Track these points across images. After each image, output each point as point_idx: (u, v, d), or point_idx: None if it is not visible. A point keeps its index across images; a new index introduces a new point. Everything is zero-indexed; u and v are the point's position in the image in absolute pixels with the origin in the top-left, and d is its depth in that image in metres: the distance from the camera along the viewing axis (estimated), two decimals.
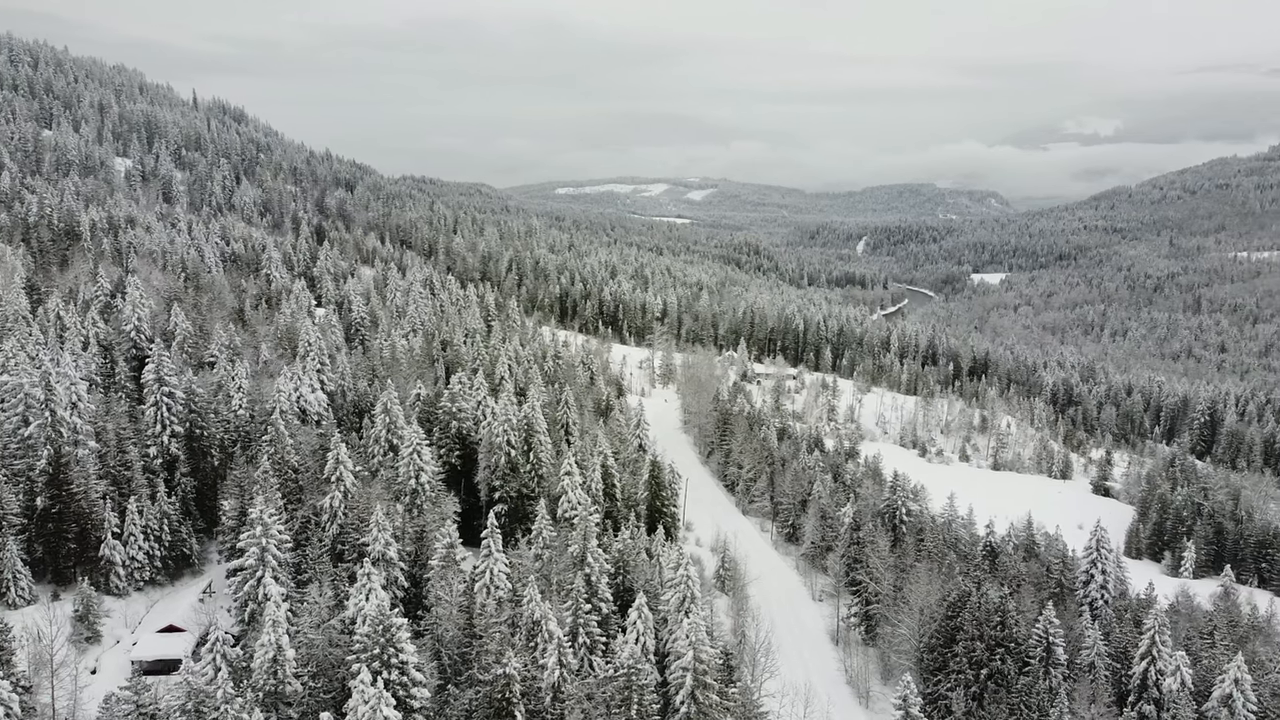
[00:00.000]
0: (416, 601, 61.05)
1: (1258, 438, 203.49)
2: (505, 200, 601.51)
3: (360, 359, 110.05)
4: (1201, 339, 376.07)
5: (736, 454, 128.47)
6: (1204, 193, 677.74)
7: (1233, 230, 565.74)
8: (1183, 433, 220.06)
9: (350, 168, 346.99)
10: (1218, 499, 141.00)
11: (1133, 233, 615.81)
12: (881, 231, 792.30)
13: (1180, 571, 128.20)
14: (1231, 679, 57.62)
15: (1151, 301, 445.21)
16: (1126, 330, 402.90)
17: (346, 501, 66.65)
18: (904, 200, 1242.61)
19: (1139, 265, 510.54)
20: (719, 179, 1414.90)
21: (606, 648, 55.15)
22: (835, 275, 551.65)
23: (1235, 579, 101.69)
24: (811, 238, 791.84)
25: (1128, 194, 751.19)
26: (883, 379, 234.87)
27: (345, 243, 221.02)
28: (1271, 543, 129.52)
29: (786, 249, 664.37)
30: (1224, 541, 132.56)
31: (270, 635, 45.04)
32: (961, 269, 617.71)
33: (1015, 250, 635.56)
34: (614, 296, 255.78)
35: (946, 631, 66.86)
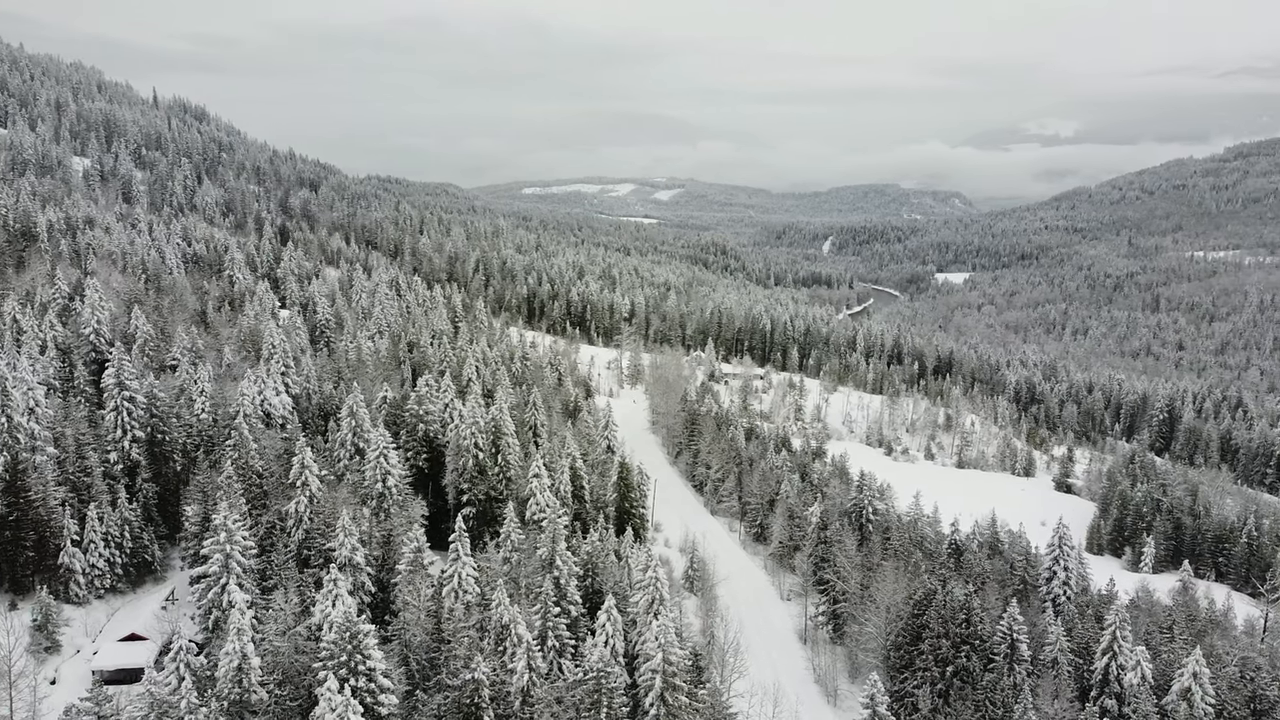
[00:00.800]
0: (384, 606, 60.64)
1: (1214, 434, 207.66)
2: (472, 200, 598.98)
3: (325, 361, 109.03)
4: (1160, 337, 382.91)
5: (704, 454, 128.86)
6: (1161, 193, 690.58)
7: (1189, 230, 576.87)
8: (1142, 430, 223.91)
9: (314, 167, 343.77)
10: (1176, 495, 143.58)
11: (1093, 232, 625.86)
12: (847, 231, 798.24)
13: (1140, 567, 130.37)
14: (1190, 673, 58.72)
15: (1111, 300, 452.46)
16: (1087, 329, 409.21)
17: (312, 506, 66.00)
18: (869, 200, 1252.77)
19: (1099, 265, 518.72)
20: (686, 179, 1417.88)
21: (576, 651, 55.08)
22: (802, 275, 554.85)
23: (1194, 573, 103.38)
24: (778, 238, 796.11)
25: (1088, 194, 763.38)
26: (849, 378, 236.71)
27: (310, 243, 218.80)
28: (1228, 537, 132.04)
29: (753, 249, 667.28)
30: (1182, 537, 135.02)
31: (235, 643, 44.49)
32: (926, 269, 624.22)
33: (978, 250, 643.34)
34: (582, 297, 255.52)
35: (913, 630, 67.49)
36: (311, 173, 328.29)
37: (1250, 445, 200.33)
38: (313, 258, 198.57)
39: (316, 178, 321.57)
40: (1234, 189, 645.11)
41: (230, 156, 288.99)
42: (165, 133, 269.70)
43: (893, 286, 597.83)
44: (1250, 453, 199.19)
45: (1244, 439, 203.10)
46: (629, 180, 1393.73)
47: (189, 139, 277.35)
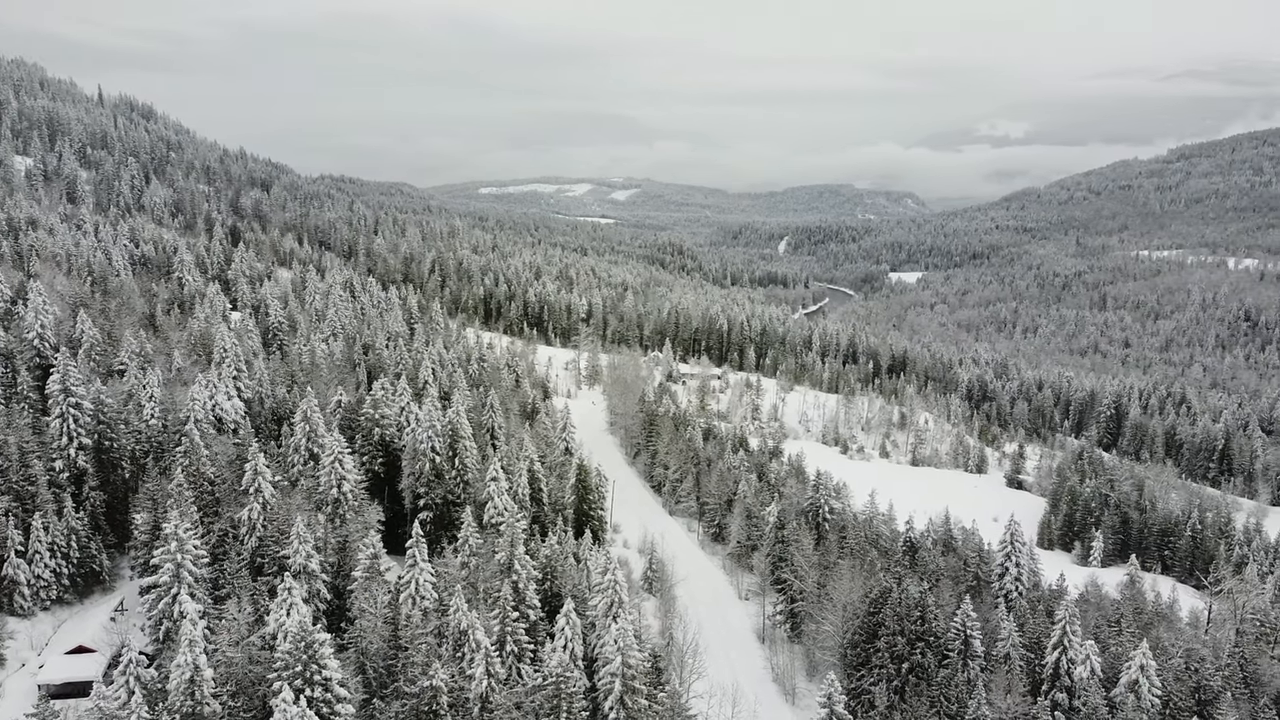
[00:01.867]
0: (340, 613, 59.97)
1: (1159, 430, 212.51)
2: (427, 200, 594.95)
3: (278, 365, 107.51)
4: (1107, 335, 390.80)
5: (663, 455, 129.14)
6: (1108, 194, 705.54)
7: (1135, 230, 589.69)
8: (1090, 426, 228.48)
9: (266, 167, 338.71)
10: (1123, 490, 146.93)
11: (1042, 232, 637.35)
12: (802, 231, 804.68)
13: (1089, 561, 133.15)
14: (1137, 666, 60.12)
15: (1060, 299, 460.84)
16: (1037, 327, 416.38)
17: (265, 513, 65.06)
18: (824, 201, 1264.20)
19: (1048, 264, 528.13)
20: (643, 179, 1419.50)
21: (535, 655, 54.95)
22: (758, 275, 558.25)
23: (1140, 567, 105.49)
24: (734, 237, 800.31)
25: (1037, 195, 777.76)
26: (805, 378, 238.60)
27: (261, 244, 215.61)
28: (1173, 531, 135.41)
29: (710, 249, 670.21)
30: (1129, 531, 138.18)
31: (187, 655, 43.73)
32: (880, 268, 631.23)
33: (931, 250, 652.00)
34: (539, 298, 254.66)
35: (869, 627, 68.31)
36: (263, 172, 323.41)
37: (1194, 440, 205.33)
38: (265, 259, 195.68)
39: (268, 177, 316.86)
40: (1177, 190, 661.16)
41: (179, 156, 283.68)
42: (111, 131, 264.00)
43: (848, 286, 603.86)
44: (1194, 447, 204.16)
45: (1188, 434, 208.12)
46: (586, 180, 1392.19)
47: (136, 138, 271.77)
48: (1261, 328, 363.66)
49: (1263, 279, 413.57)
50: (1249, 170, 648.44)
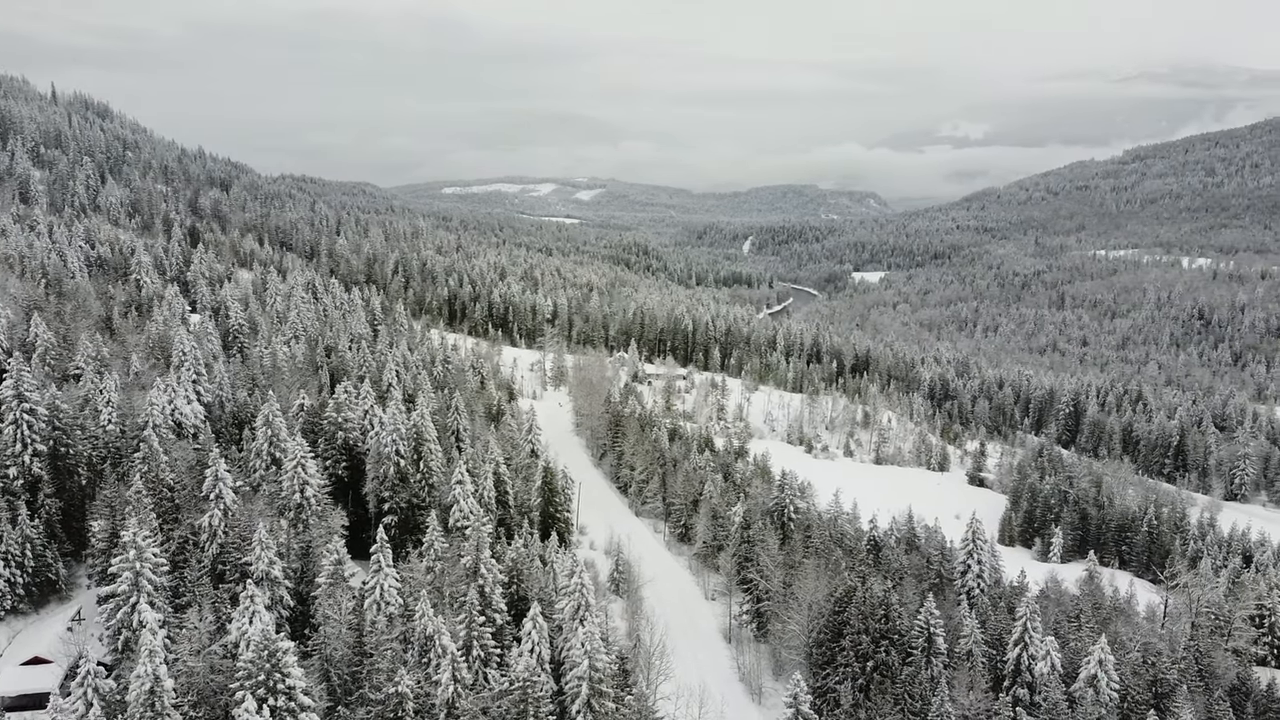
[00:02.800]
0: (303, 620, 59.35)
1: (1116, 427, 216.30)
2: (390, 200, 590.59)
3: (239, 368, 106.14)
4: (1065, 333, 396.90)
5: (629, 456, 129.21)
6: (1065, 194, 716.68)
7: (1092, 230, 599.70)
8: (1050, 423, 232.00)
9: (225, 166, 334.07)
10: (1082, 486, 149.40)
11: (1002, 232, 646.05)
12: (767, 231, 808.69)
13: (1049, 557, 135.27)
14: (1096, 661, 61.22)
15: (1020, 298, 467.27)
16: (997, 326, 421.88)
17: (227, 519, 64.19)
18: (788, 201, 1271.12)
19: (1008, 263, 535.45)
20: (607, 179, 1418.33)
21: (501, 659, 54.79)
22: (723, 275, 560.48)
23: (1099, 562, 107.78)
24: (699, 238, 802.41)
25: (996, 195, 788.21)
26: (770, 377, 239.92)
27: (221, 245, 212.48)
28: (1130, 526, 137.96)
29: (675, 249, 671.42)
30: (1088, 527, 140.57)
31: (147, 665, 43.04)
32: (843, 268, 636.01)
33: (893, 249, 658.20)
34: (504, 298, 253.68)
35: (834, 626, 68.86)
36: (222, 172, 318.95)
37: (1150, 437, 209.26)
38: (225, 260, 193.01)
39: (228, 177, 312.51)
40: (1132, 190, 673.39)
41: (136, 155, 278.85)
42: (66, 130, 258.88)
43: (811, 285, 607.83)
44: (1150, 444, 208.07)
45: (1144, 431, 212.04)
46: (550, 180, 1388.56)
47: (91, 137, 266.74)
48: (1214, 326, 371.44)
49: (1215, 278, 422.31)
50: (1202, 171, 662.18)
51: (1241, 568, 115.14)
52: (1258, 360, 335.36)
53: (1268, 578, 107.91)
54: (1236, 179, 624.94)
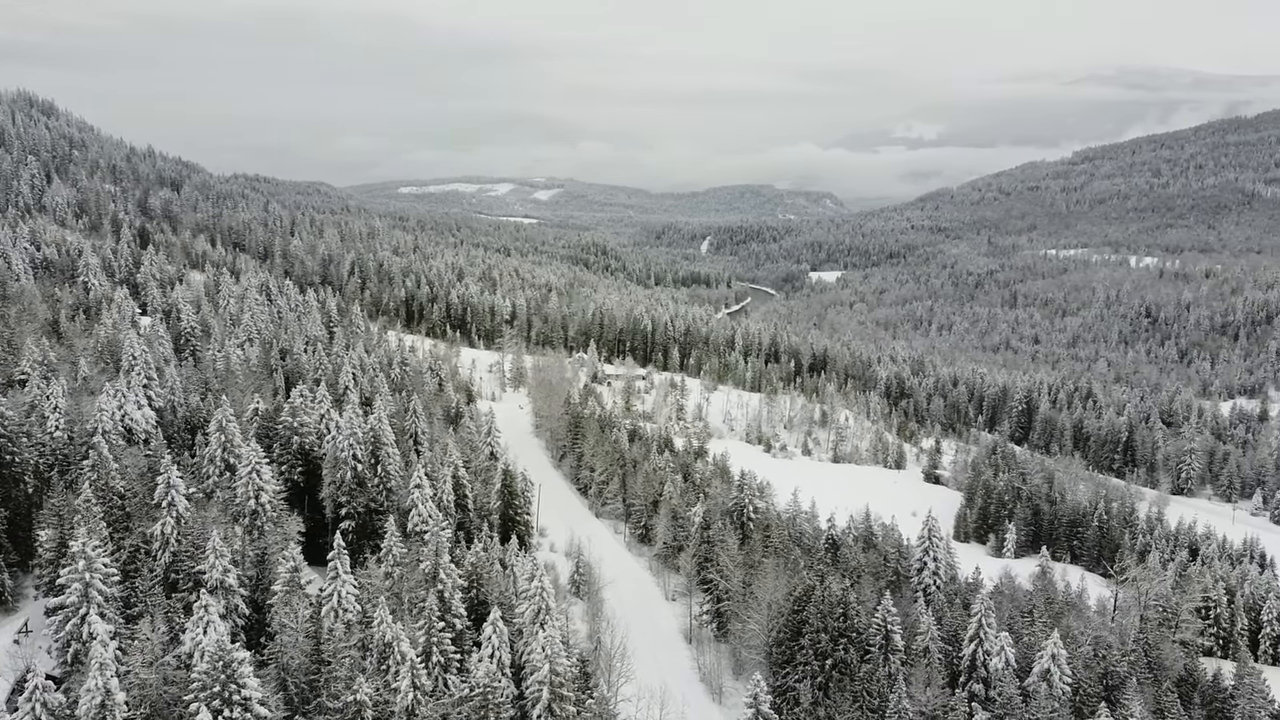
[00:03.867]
0: (259, 629, 58.54)
1: (1068, 423, 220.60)
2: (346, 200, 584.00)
3: (192, 372, 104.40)
4: (1018, 332, 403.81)
5: (589, 457, 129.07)
6: (1017, 194, 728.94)
7: (1043, 230, 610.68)
8: (1003, 421, 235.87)
9: (176, 165, 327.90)
10: (1034, 482, 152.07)
11: (955, 232, 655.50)
12: (725, 231, 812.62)
13: (1003, 552, 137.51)
14: (1049, 655, 62.40)
15: (973, 297, 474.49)
16: (951, 324, 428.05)
17: (179, 527, 63.05)
18: (745, 201, 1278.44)
19: (961, 263, 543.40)
20: (565, 179, 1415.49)
21: (461, 665, 54.46)
22: (681, 275, 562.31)
23: (1051, 557, 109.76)
24: (658, 237, 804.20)
25: (950, 195, 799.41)
26: (729, 377, 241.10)
27: (172, 246, 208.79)
28: (1081, 521, 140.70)
29: (634, 249, 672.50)
30: (1041, 522, 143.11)
31: (97, 678, 42.19)
32: (800, 267, 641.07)
33: (849, 249, 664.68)
34: (462, 299, 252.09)
35: (793, 625, 69.41)
36: (173, 171, 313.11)
37: (1100, 433, 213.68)
38: (176, 261, 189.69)
39: (179, 176, 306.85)
40: (1081, 190, 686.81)
41: (83, 154, 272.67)
42: (9, 128, 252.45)
43: (769, 285, 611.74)
44: (1100, 440, 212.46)
45: (1094, 427, 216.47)
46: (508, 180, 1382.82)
47: (36, 135, 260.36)
48: (1161, 323, 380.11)
49: (1161, 276, 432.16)
50: (1148, 172, 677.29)
51: (1188, 561, 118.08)
52: (1202, 357, 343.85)
53: (1213, 570, 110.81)
54: (1181, 180, 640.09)
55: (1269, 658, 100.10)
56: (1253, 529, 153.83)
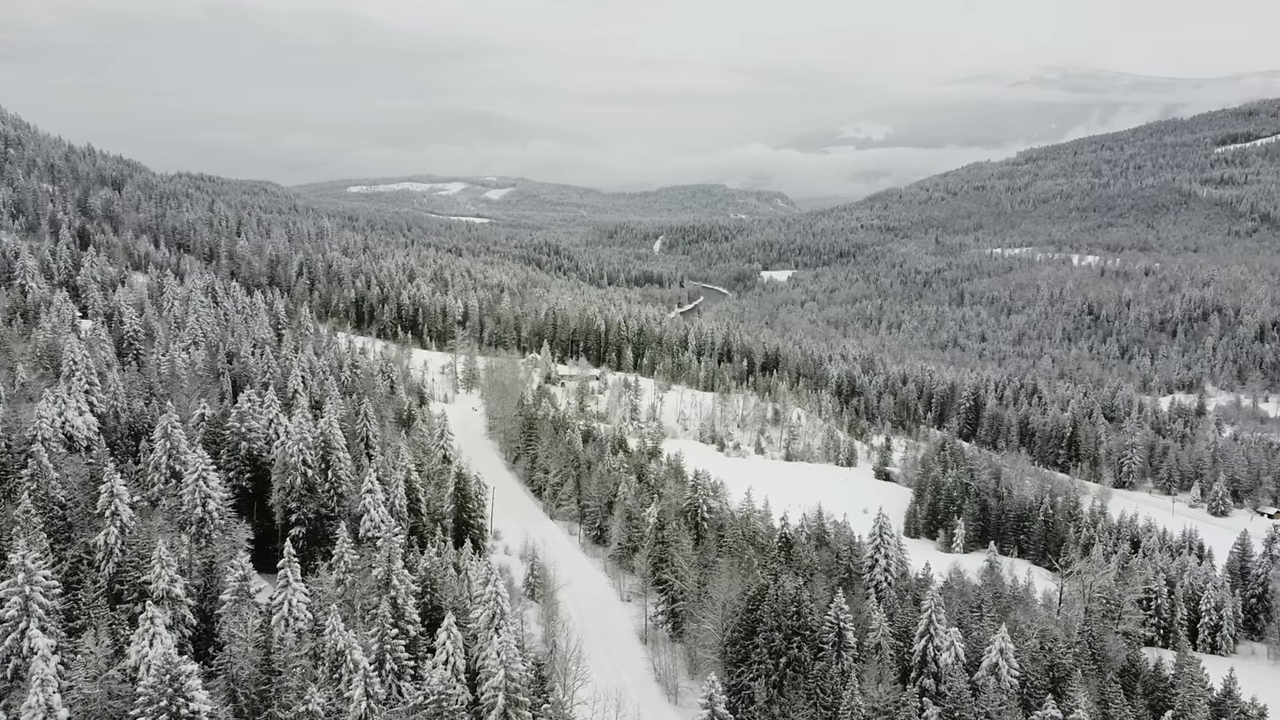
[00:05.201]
0: (208, 639, 57.46)
1: (1014, 419, 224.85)
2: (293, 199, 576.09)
3: (135, 377, 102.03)
4: (965, 329, 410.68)
5: (543, 459, 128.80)
6: (963, 194, 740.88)
7: (989, 229, 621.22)
8: (952, 417, 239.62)
9: (117, 164, 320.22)
10: (982, 478, 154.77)
11: (904, 231, 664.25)
12: (677, 231, 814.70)
13: (953, 547, 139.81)
14: (997, 649, 63.60)
15: (921, 295, 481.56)
16: (901, 323, 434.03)
17: (124, 537, 61.66)
18: (697, 200, 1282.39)
19: (910, 261, 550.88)
20: (517, 178, 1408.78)
21: (415, 672, 54.02)
22: (634, 274, 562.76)
23: (999, 551, 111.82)
24: (610, 237, 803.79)
25: (898, 195, 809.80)
26: (682, 377, 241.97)
27: (114, 247, 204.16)
28: (1028, 516, 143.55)
29: (586, 248, 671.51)
30: (989, 517, 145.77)
31: (39, 695, 41.09)
32: (752, 266, 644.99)
33: (801, 248, 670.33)
34: (413, 300, 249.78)
35: (748, 624, 69.90)
36: (114, 170, 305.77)
37: (1045, 428, 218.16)
38: (118, 263, 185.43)
39: (120, 176, 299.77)
40: (1026, 190, 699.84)
41: (19, 153, 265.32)
42: None
43: (721, 284, 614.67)
44: (1045, 435, 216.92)
45: (1039, 423, 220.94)
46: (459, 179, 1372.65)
47: None
48: (1103, 321, 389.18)
49: (1103, 275, 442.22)
50: (1089, 173, 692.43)
51: (1130, 553, 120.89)
52: (1143, 353, 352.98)
53: (1154, 562, 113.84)
54: (1121, 180, 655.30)
55: (1207, 646, 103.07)
56: (1191, 521, 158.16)
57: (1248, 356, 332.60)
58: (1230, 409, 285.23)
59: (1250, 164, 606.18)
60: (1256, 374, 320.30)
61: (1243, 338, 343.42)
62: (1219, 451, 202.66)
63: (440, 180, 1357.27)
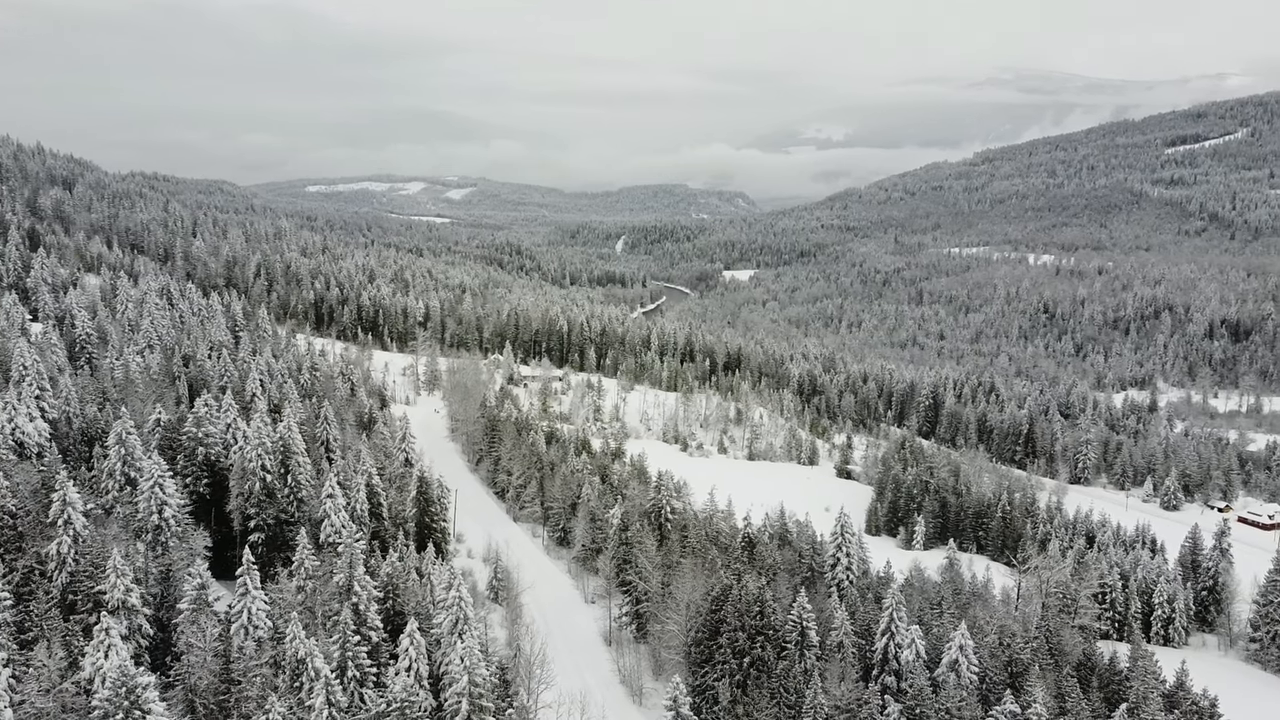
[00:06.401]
0: (165, 649, 56.54)
1: (972, 417, 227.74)
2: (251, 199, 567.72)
3: (88, 381, 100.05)
4: (924, 328, 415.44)
5: (506, 460, 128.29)
6: (922, 194, 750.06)
7: (947, 228, 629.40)
8: (911, 415, 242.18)
9: (68, 163, 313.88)
10: (942, 475, 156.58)
11: (863, 231, 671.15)
12: (639, 231, 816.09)
13: (913, 544, 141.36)
14: (957, 646, 64.45)
15: (881, 294, 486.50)
16: (861, 322, 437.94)
17: (77, 546, 60.47)
18: (659, 200, 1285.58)
19: (869, 261, 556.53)
20: (478, 178, 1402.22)
21: (378, 679, 53.58)
22: (596, 274, 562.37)
23: (958, 548, 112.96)
24: (572, 237, 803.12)
25: (858, 195, 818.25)
26: (645, 377, 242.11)
27: (65, 249, 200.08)
28: (986, 512, 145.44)
29: (548, 248, 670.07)
30: (948, 514, 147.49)
31: None
32: (714, 266, 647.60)
33: (762, 248, 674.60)
34: (373, 301, 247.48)
35: (711, 624, 70.19)
36: (64, 169, 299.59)
37: (1002, 426, 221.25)
38: (69, 265, 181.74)
39: (70, 175, 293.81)
40: (983, 190, 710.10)
41: None
42: None
43: (684, 284, 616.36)
44: (1002, 433, 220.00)
45: (997, 420, 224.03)
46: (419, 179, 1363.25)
47: None
48: (1058, 319, 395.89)
49: (1058, 274, 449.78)
50: (1044, 173, 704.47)
51: (1085, 548, 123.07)
52: (1097, 351, 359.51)
53: (1108, 557, 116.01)
54: (1075, 180, 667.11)
55: (1160, 639, 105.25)
56: (1144, 515, 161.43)
57: (1198, 353, 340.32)
58: (1181, 405, 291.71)
59: (1199, 165, 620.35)
60: (1206, 370, 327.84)
61: (1193, 335, 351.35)
62: (1170, 447, 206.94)
63: (400, 180, 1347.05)
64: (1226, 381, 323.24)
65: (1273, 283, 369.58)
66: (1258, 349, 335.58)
